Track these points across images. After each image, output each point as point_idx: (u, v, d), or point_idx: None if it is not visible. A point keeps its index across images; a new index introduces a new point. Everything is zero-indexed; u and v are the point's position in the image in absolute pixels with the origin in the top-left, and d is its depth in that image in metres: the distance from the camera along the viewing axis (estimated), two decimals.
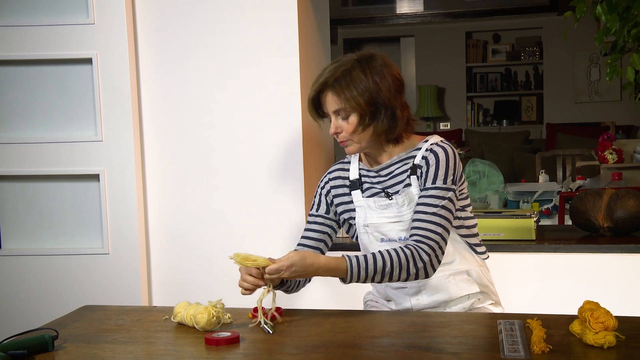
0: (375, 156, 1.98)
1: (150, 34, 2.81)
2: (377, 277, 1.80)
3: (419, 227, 1.85)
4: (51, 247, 2.83)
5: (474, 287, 1.97)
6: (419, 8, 8.51)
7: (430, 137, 1.97)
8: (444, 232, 1.85)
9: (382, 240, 1.95)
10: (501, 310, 2.02)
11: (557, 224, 3.50)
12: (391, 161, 1.96)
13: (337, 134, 1.91)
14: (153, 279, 2.89)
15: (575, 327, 1.54)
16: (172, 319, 1.81)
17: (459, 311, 1.95)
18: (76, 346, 1.65)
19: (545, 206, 3.60)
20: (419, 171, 1.91)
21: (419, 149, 1.94)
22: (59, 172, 2.79)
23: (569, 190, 4.01)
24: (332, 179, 2.06)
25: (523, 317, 1.68)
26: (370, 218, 1.96)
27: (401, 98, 1.90)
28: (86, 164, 2.77)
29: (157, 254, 2.88)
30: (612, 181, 3.89)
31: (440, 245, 1.84)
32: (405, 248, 1.82)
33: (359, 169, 2.03)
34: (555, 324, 1.63)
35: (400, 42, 9.13)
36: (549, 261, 2.67)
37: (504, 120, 8.96)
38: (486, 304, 2.00)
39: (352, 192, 2.01)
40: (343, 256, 1.80)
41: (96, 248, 2.81)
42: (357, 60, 1.88)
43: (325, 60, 3.17)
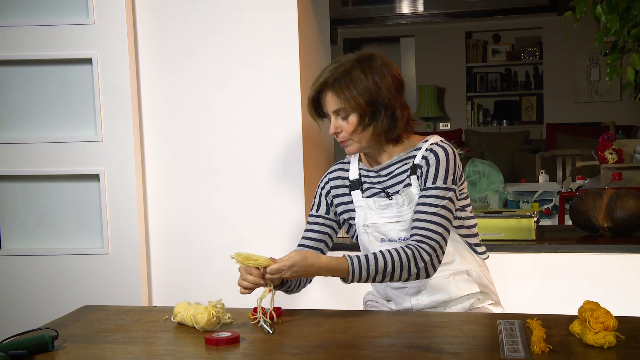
0: (375, 156, 1.98)
1: (150, 34, 2.81)
2: (379, 277, 1.81)
3: (419, 227, 1.85)
4: (51, 247, 2.83)
5: (474, 287, 1.97)
6: (419, 8, 8.52)
7: (430, 137, 1.97)
8: (444, 232, 1.85)
9: (382, 241, 1.95)
10: (501, 310, 2.02)
11: (557, 224, 3.50)
12: (391, 161, 1.96)
13: (337, 134, 1.91)
14: (153, 279, 2.89)
15: (575, 327, 1.54)
16: (172, 319, 1.81)
17: (459, 311, 1.94)
18: (76, 346, 1.65)
19: (545, 206, 3.60)
20: (419, 171, 1.91)
21: (419, 148, 1.94)
22: (59, 172, 2.79)
23: (569, 190, 4.01)
24: (332, 179, 2.06)
25: (523, 317, 1.68)
26: (370, 218, 1.96)
27: (401, 98, 1.90)
28: (86, 164, 2.77)
29: (157, 254, 2.89)
30: (612, 181, 3.89)
31: (441, 245, 1.84)
32: (406, 248, 1.82)
33: (358, 169, 2.02)
34: (555, 324, 1.63)
35: (400, 42, 9.12)
36: (549, 261, 2.67)
37: (504, 120, 8.96)
38: (486, 304, 2.00)
39: (352, 192, 2.01)
40: (344, 256, 1.80)
41: (96, 248, 2.81)
42: (357, 60, 1.88)
43: (325, 60, 3.17)
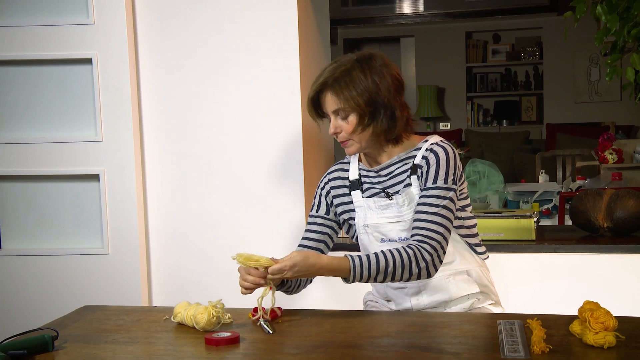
0: (375, 156, 1.98)
1: (150, 34, 2.81)
2: (380, 276, 1.80)
3: (420, 227, 1.85)
4: (51, 247, 2.83)
5: (474, 287, 1.97)
6: (419, 8, 8.52)
7: (430, 137, 1.96)
8: (445, 231, 1.85)
9: (382, 241, 1.95)
10: (501, 310, 2.02)
11: (557, 224, 3.50)
12: (391, 161, 1.96)
13: (337, 134, 1.91)
14: (153, 279, 2.89)
15: (575, 327, 1.54)
16: (172, 319, 1.81)
17: (459, 311, 1.94)
18: (76, 346, 1.65)
19: (545, 206, 3.60)
20: (420, 171, 1.91)
21: (418, 148, 1.94)
22: (59, 172, 2.79)
23: (569, 190, 4.01)
24: (332, 180, 2.06)
25: (523, 317, 1.68)
26: (370, 218, 1.96)
27: (401, 98, 1.90)
28: (86, 164, 2.77)
29: (157, 254, 2.89)
30: (612, 181, 3.89)
31: (442, 245, 1.84)
32: (408, 248, 1.82)
33: (358, 169, 2.02)
34: (555, 324, 1.63)
35: (400, 42, 9.12)
36: (549, 261, 2.67)
37: (504, 121, 8.96)
38: (486, 304, 2.00)
39: (352, 192, 2.01)
40: (345, 256, 1.80)
41: (96, 248, 2.81)
42: (356, 60, 1.88)
43: (325, 60, 3.17)
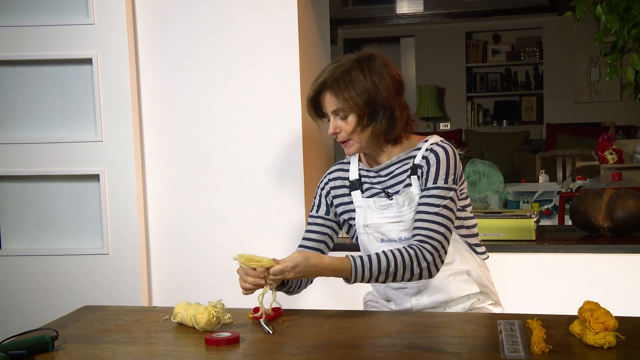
0: (375, 156, 1.98)
1: (150, 34, 2.81)
2: (381, 277, 1.80)
3: (421, 227, 1.85)
4: (51, 247, 2.83)
5: (474, 288, 1.97)
6: (419, 8, 8.52)
7: (430, 137, 1.96)
8: (446, 231, 1.85)
9: (382, 241, 1.95)
10: (501, 310, 2.02)
11: (557, 224, 3.50)
12: (391, 161, 1.96)
13: (336, 134, 1.91)
14: (153, 279, 2.89)
15: (575, 328, 1.54)
16: (172, 319, 1.81)
17: (459, 311, 1.94)
18: (76, 346, 1.65)
19: (545, 206, 3.60)
20: (420, 171, 1.91)
21: (418, 149, 1.94)
22: (59, 172, 2.79)
23: (569, 190, 4.01)
24: (332, 180, 2.06)
25: (523, 317, 1.68)
26: (370, 218, 1.95)
27: (400, 98, 1.90)
28: (86, 164, 2.77)
29: (157, 254, 2.88)
30: (612, 181, 3.89)
31: (443, 245, 1.84)
32: (409, 248, 1.82)
33: (358, 169, 2.02)
34: (555, 324, 1.63)
35: (400, 42, 9.12)
36: (549, 261, 2.67)
37: (504, 121, 8.96)
38: (486, 304, 2.00)
39: (352, 192, 2.00)
40: (347, 256, 1.80)
41: (96, 248, 2.80)
42: (356, 60, 1.88)
43: (325, 60, 3.17)
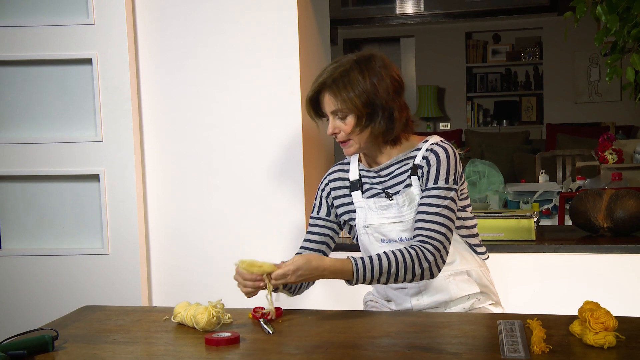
0: (375, 157, 1.97)
1: (150, 34, 2.81)
2: (383, 278, 1.80)
3: (422, 228, 1.85)
4: (51, 247, 2.83)
5: (474, 288, 1.97)
6: (419, 8, 8.52)
7: (430, 137, 1.96)
8: (447, 232, 1.85)
9: (382, 241, 1.94)
10: (501, 310, 2.02)
11: (557, 224, 3.50)
12: (391, 161, 1.96)
13: (335, 134, 1.91)
14: (153, 279, 2.89)
15: (575, 328, 1.54)
16: (172, 319, 1.81)
17: (459, 311, 1.94)
18: (76, 346, 1.65)
19: (545, 206, 3.60)
20: (420, 171, 1.91)
21: (418, 149, 1.94)
22: (59, 172, 2.79)
23: (569, 190, 4.01)
24: (332, 181, 2.06)
25: (523, 317, 1.68)
26: (371, 219, 1.95)
27: (400, 99, 1.90)
28: (86, 164, 2.77)
29: (157, 254, 2.88)
30: (612, 181, 3.89)
31: (444, 245, 1.84)
32: (410, 249, 1.82)
33: (358, 169, 2.02)
34: (555, 324, 1.63)
35: (400, 43, 9.12)
36: (549, 261, 2.67)
37: (504, 121, 8.96)
38: (486, 304, 2.00)
39: (352, 193, 2.00)
40: (348, 258, 1.80)
41: (96, 248, 2.81)
42: (355, 61, 1.88)
43: (325, 60, 3.17)
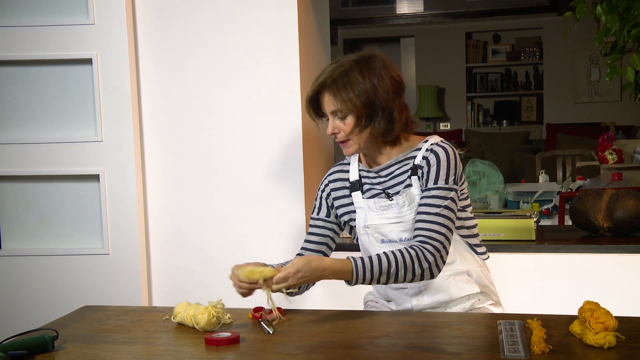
0: (374, 157, 1.97)
1: (150, 34, 2.81)
2: (383, 278, 1.80)
3: (422, 228, 1.85)
4: (51, 247, 2.83)
5: (475, 288, 1.97)
6: (419, 8, 8.52)
7: (430, 137, 1.96)
8: (447, 232, 1.85)
9: (382, 242, 1.94)
10: (501, 310, 2.02)
11: (557, 224, 3.50)
12: (391, 162, 1.96)
13: (335, 134, 1.91)
14: (153, 279, 2.89)
15: (575, 328, 1.54)
16: (172, 319, 1.81)
17: (460, 311, 1.94)
18: (76, 346, 1.65)
19: (545, 206, 3.60)
20: (420, 171, 1.91)
21: (418, 149, 1.94)
22: (59, 172, 2.79)
23: (569, 190, 4.01)
24: (332, 181, 2.06)
25: (523, 317, 1.68)
26: (371, 219, 1.95)
27: (399, 100, 1.89)
28: (86, 164, 2.77)
29: (157, 254, 2.88)
30: (612, 181, 3.89)
31: (444, 246, 1.84)
32: (410, 249, 1.82)
33: (358, 170, 2.02)
34: (555, 324, 1.63)
35: (400, 43, 9.12)
36: (549, 261, 2.67)
37: (504, 121, 8.96)
38: (486, 304, 2.00)
39: (353, 193, 2.00)
40: (348, 258, 1.79)
41: (96, 248, 2.81)
42: (355, 61, 1.87)
43: (325, 60, 3.17)
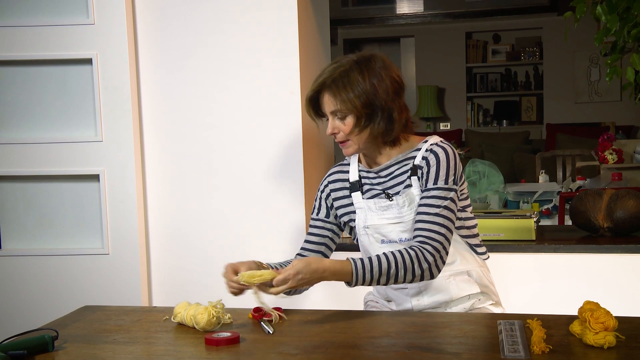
0: (374, 157, 1.97)
1: (150, 34, 2.81)
2: (383, 279, 1.80)
3: (422, 228, 1.84)
4: (51, 247, 2.83)
5: (475, 288, 1.97)
6: (419, 8, 8.52)
7: (430, 137, 1.96)
8: (447, 232, 1.85)
9: (382, 242, 1.94)
10: (501, 310, 2.02)
11: (557, 224, 3.50)
12: (391, 162, 1.96)
13: (335, 134, 1.90)
14: (153, 279, 2.89)
15: (575, 328, 1.54)
16: (172, 319, 1.81)
17: (460, 311, 1.94)
18: (76, 346, 1.65)
19: (545, 206, 3.60)
20: (420, 172, 1.91)
21: (418, 149, 1.94)
22: (59, 172, 2.79)
23: (569, 190, 4.01)
24: (332, 182, 2.06)
25: (523, 317, 1.68)
26: (371, 219, 1.95)
27: (399, 100, 1.89)
28: (86, 164, 2.77)
29: (157, 254, 2.88)
30: (612, 181, 3.89)
31: (444, 246, 1.84)
32: (410, 249, 1.81)
33: (358, 170, 2.02)
34: (555, 324, 1.63)
35: (400, 43, 9.12)
36: (549, 261, 2.67)
37: (504, 121, 8.96)
38: (486, 304, 2.00)
39: (352, 193, 2.00)
40: (348, 259, 1.79)
41: (96, 248, 2.80)
42: (355, 61, 1.87)
43: (325, 60, 3.17)
